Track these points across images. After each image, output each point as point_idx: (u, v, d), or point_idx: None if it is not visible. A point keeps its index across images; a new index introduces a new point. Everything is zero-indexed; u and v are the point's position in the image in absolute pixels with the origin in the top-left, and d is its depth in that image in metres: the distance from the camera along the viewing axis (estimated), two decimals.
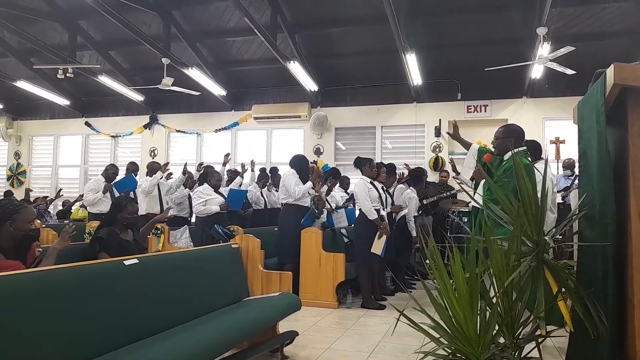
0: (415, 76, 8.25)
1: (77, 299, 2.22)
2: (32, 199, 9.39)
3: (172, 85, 8.27)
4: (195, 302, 3.14)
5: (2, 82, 9.98)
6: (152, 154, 10.78)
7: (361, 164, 5.69)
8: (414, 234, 6.52)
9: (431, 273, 1.99)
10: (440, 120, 9.04)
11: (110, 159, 11.19)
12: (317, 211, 6.00)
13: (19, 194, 10.75)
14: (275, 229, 6.18)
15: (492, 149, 4.00)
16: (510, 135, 3.71)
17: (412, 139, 9.40)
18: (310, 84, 8.95)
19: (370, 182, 5.57)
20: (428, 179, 8.39)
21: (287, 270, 5.78)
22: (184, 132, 10.60)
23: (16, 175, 11.90)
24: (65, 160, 11.69)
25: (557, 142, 8.29)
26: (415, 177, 6.68)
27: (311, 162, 9.59)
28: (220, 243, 5.39)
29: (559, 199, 7.15)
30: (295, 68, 8.23)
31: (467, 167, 4.11)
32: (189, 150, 10.71)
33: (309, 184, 5.70)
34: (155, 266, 2.89)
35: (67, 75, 8.38)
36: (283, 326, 3.76)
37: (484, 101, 8.89)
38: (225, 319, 2.95)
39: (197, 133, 10.54)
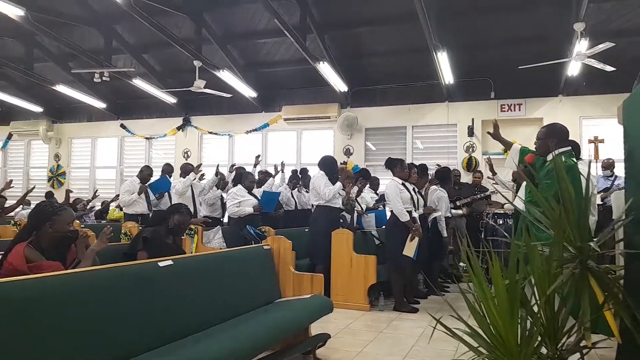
0: (447, 75, 8.12)
1: (113, 300, 2.26)
2: (71, 200, 9.64)
3: (204, 87, 8.37)
4: (228, 303, 3.15)
5: (42, 86, 10.33)
6: (185, 155, 10.96)
7: (392, 165, 5.62)
8: (445, 234, 6.41)
9: (467, 276, 1.93)
10: (473, 119, 8.88)
11: (144, 161, 11.43)
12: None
13: (59, 195, 11.12)
14: (307, 229, 6.18)
15: (534, 149, 3.88)
16: (552, 135, 3.56)
17: (444, 139, 9.25)
18: (339, 85, 8.92)
19: (402, 184, 5.50)
20: (461, 180, 8.27)
21: (319, 272, 5.80)
22: (216, 133, 10.74)
23: (56, 176, 12.29)
24: (102, 162, 12.00)
25: (596, 141, 8.00)
26: (443, 176, 6.56)
27: (341, 163, 9.58)
28: (252, 244, 5.43)
29: (598, 201, 6.91)
30: (325, 69, 8.22)
31: (508, 168, 4.00)
32: (221, 152, 10.84)
33: (339, 184, 5.68)
34: (188, 268, 2.92)
35: (104, 78, 8.60)
36: (315, 328, 3.75)
37: (518, 100, 8.68)
38: (258, 321, 2.96)
39: (228, 134, 10.66)
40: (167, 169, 7.36)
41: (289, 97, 10.07)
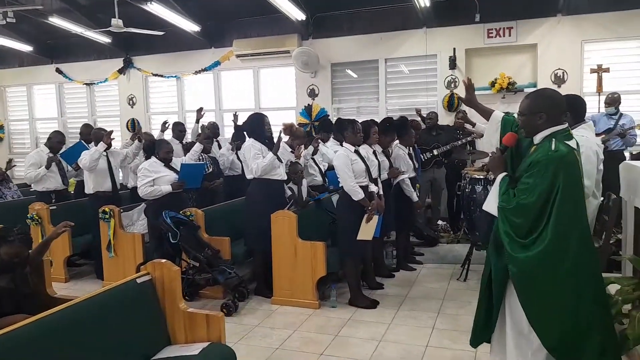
0: None
1: None
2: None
3: (128, 26, 6.93)
4: None
5: None
6: (131, 102, 9.60)
7: (342, 128, 4.43)
8: (415, 198, 5.35)
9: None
10: (454, 49, 7.47)
11: (87, 110, 10.11)
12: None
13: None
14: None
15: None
16: (540, 107, 2.45)
17: (422, 72, 7.91)
18: (295, 12, 7.41)
19: (355, 151, 4.34)
20: (440, 122, 7.08)
21: (257, 260, 4.81)
22: (161, 75, 9.30)
23: None
24: (42, 113, 10.63)
25: (600, 70, 6.73)
26: (399, 130, 5.34)
27: (304, 106, 8.21)
28: (169, 237, 4.37)
29: (598, 141, 5.77)
30: None
31: (488, 143, 2.86)
32: (169, 96, 9.48)
33: (270, 156, 4.46)
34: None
35: (8, 20, 7.09)
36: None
37: (508, 22, 7.21)
38: None
39: (175, 76, 9.23)
40: (85, 132, 6.12)
41: (240, 29, 8.53)
